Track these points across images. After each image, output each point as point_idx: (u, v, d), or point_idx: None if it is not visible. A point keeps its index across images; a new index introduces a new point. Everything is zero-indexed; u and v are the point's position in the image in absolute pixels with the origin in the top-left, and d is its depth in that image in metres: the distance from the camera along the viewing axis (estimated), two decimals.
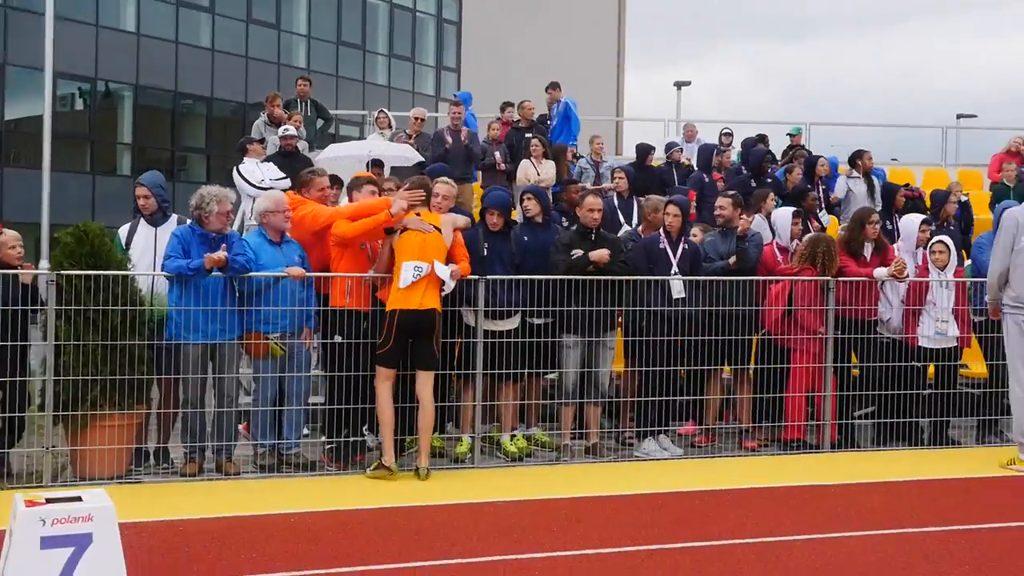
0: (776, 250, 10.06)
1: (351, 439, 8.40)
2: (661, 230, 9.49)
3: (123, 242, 8.49)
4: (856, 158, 14.26)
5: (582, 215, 9.20)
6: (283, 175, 12.40)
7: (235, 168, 12.29)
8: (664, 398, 9.16)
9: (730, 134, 17.93)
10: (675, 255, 9.37)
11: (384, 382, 8.05)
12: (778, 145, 18.25)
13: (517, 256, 9.10)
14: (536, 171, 14.34)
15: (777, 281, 9.56)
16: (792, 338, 9.51)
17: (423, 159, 13.41)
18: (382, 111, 15.68)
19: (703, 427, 9.75)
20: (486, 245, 8.90)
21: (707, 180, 13.31)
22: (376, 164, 12.47)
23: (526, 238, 9.26)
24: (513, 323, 8.94)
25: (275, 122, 14.78)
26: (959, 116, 23.76)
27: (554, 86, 16.80)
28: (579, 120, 16.76)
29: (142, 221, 8.60)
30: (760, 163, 13.43)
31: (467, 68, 44.54)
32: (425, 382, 8.14)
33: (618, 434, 9.68)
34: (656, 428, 9.20)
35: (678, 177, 14.63)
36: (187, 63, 34.32)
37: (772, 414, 9.64)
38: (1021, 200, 12.23)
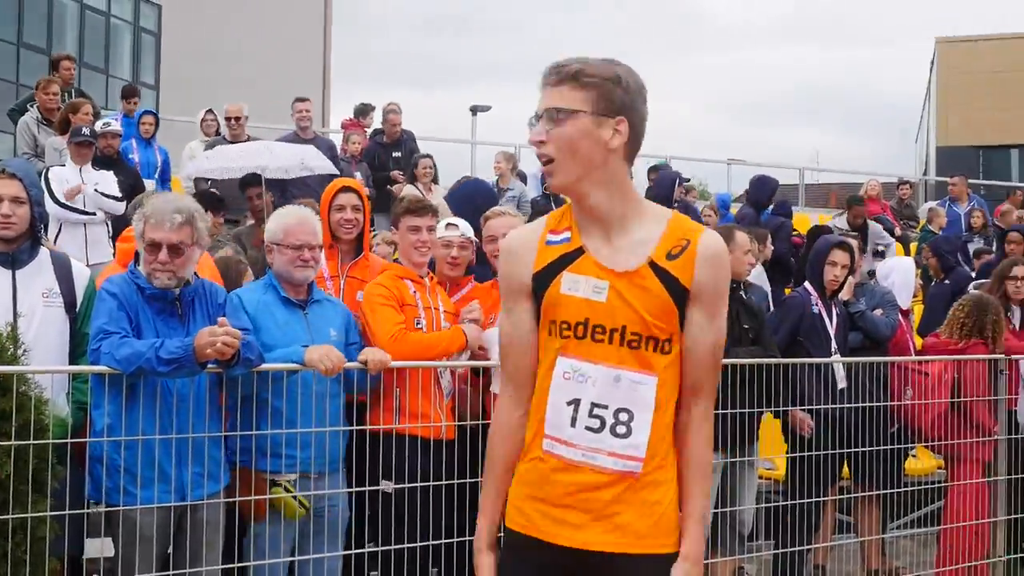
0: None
1: None
2: (808, 286, 6.45)
3: None
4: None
5: (733, 260, 5.98)
6: (118, 194, 8.28)
7: (43, 175, 7.94)
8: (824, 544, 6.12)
9: None
10: (831, 323, 6.36)
11: None
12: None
13: None
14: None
15: (928, 361, 6.76)
16: (958, 443, 6.73)
17: (338, 171, 9.58)
18: (210, 111, 11.49)
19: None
20: None
21: None
22: (254, 183, 8.45)
23: None
24: None
25: (49, 119, 10.33)
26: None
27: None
28: None
29: None
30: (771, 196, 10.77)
31: (167, 83, 39.45)
32: None
33: None
34: None
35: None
36: None
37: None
38: None
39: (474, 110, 21.62)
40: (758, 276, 8.55)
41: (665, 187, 11.41)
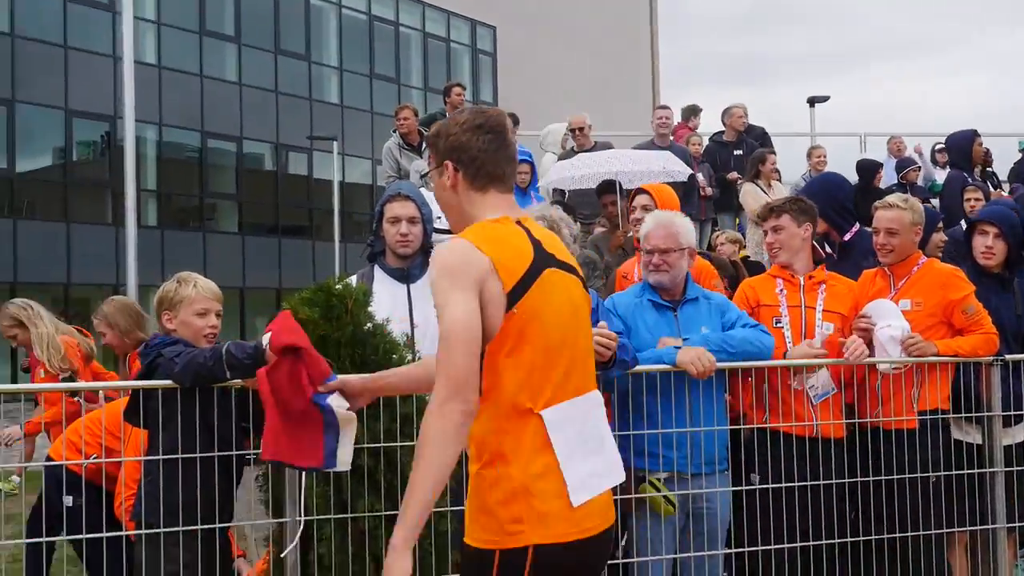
0: None
1: None
2: None
3: None
4: None
5: None
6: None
7: None
8: None
9: (944, 150, 14.54)
10: None
11: None
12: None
13: None
14: (770, 199, 10.65)
15: None
16: None
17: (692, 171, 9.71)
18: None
19: None
20: None
21: None
22: (610, 190, 8.60)
23: None
24: (1020, 433, 5.21)
25: (411, 144, 11.07)
26: None
27: None
28: None
29: (380, 273, 4.83)
30: None
31: (504, 101, 41.01)
32: None
33: None
34: None
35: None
36: (213, 98, 30.53)
37: None
38: None
39: (812, 102, 20.96)
40: None
41: (961, 146, 10.49)
